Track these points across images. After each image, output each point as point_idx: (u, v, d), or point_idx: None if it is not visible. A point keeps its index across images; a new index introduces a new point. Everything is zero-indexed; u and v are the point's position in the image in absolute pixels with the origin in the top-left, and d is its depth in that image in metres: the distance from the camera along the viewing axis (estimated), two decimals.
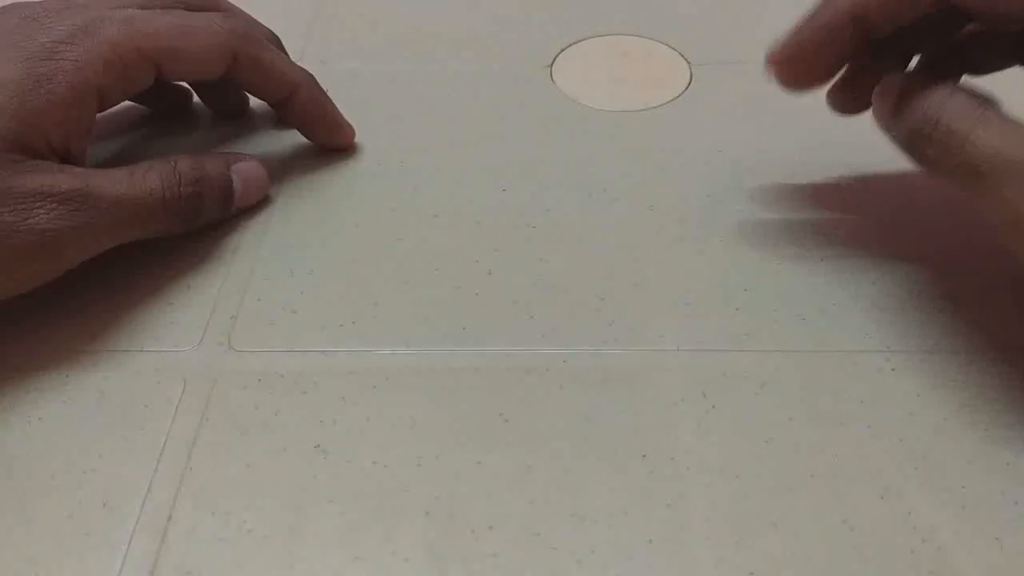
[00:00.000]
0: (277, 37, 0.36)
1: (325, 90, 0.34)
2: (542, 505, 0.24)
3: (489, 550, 0.23)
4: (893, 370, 0.27)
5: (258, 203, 0.33)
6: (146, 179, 0.29)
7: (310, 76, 0.34)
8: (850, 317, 0.29)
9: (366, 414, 0.26)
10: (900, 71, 0.30)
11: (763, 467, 0.25)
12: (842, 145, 0.33)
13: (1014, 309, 0.29)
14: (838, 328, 0.28)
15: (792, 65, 0.29)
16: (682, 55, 0.40)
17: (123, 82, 0.29)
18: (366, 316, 0.29)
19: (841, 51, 0.29)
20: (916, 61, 0.31)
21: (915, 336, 0.28)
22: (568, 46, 0.41)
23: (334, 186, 0.34)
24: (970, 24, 0.30)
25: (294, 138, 0.35)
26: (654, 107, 0.38)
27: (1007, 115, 0.25)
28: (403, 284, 0.30)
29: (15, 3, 0.29)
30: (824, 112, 0.32)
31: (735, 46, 0.40)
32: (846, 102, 0.31)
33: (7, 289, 0.27)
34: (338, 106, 0.35)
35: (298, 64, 0.35)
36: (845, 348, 0.28)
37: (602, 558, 0.23)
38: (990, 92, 0.26)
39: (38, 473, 0.25)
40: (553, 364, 0.28)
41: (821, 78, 0.30)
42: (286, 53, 0.36)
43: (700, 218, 0.32)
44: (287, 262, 0.31)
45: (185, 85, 0.37)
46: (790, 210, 0.33)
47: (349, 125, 0.35)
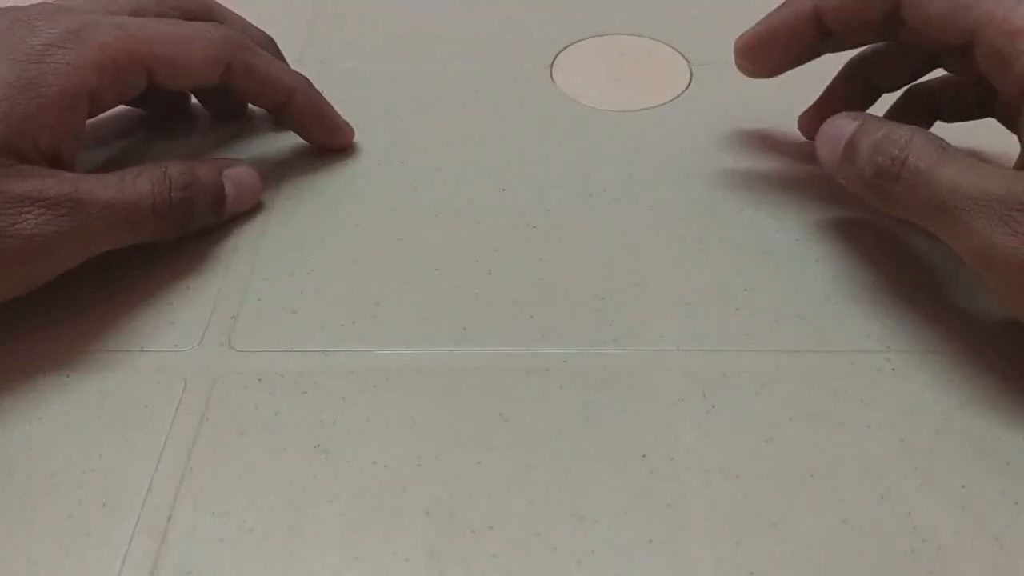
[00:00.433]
0: (273, 41, 0.36)
1: (322, 91, 0.34)
2: (542, 505, 0.24)
3: (489, 550, 0.23)
4: (893, 370, 0.27)
5: (256, 205, 0.33)
6: (136, 184, 0.28)
7: (305, 79, 0.34)
8: (850, 317, 0.29)
9: (366, 414, 0.26)
10: (867, 105, 0.33)
11: (763, 467, 0.25)
12: None
13: None
14: (838, 328, 0.28)
15: (755, 54, 0.31)
16: (682, 55, 0.41)
17: (115, 86, 0.29)
18: (366, 316, 0.29)
19: (801, 44, 0.31)
20: (892, 105, 0.33)
21: (915, 336, 0.28)
22: (568, 46, 0.41)
23: (334, 186, 0.34)
24: (937, 69, 0.32)
25: (293, 139, 0.35)
26: (654, 107, 0.38)
27: (965, 154, 0.26)
28: (403, 284, 0.30)
29: (6, 7, 0.29)
30: None
31: None
32: (815, 129, 0.31)
33: None
34: (338, 106, 0.35)
35: (296, 65, 0.35)
36: (845, 348, 0.28)
37: (602, 558, 0.23)
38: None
39: (38, 473, 0.25)
40: (553, 364, 0.28)
41: (782, 66, 0.32)
42: (283, 57, 0.36)
43: (700, 218, 0.32)
44: (287, 262, 0.31)
45: None
46: (789, 210, 0.33)
47: (348, 125, 0.35)
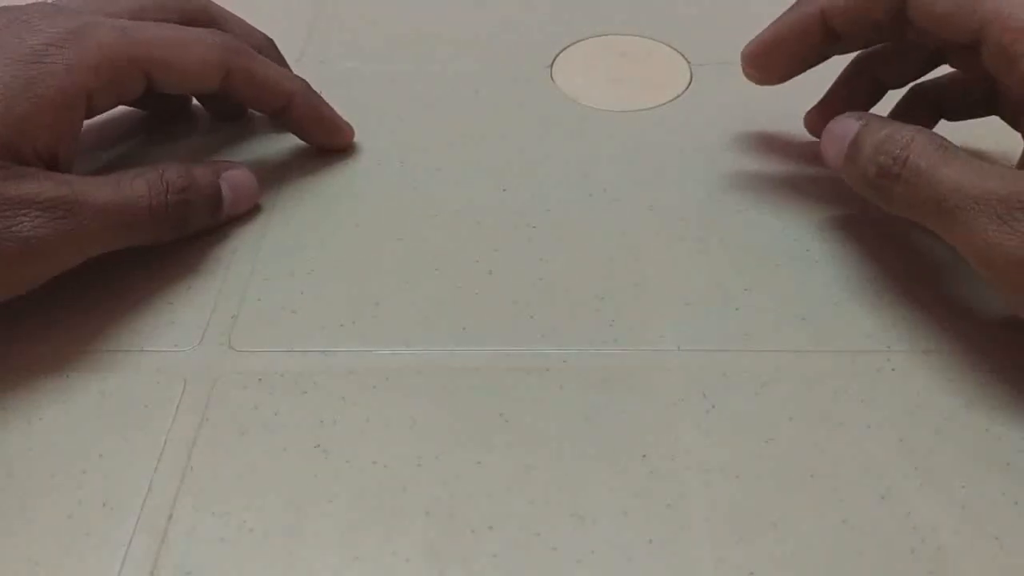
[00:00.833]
0: (273, 42, 0.36)
1: (322, 91, 0.34)
2: (542, 505, 0.24)
3: (489, 550, 0.23)
4: (893, 370, 0.27)
5: (255, 206, 0.33)
6: (133, 187, 0.28)
7: (304, 82, 0.34)
8: (850, 317, 0.29)
9: (366, 414, 0.26)
10: (873, 102, 0.32)
11: (763, 467, 0.25)
12: None
13: None
14: (838, 328, 0.28)
15: (763, 60, 0.31)
16: (682, 55, 0.41)
17: (112, 88, 0.29)
18: (366, 316, 0.29)
19: (808, 49, 0.30)
20: (897, 103, 0.33)
21: (915, 336, 0.28)
22: (568, 46, 0.41)
23: (334, 186, 0.34)
24: (943, 66, 0.31)
25: (293, 139, 0.35)
26: (654, 107, 0.38)
27: (966, 153, 0.26)
28: (403, 284, 0.30)
29: (4, 6, 0.29)
30: None
31: (735, 46, 0.40)
32: (821, 126, 0.31)
33: None
34: (338, 106, 0.35)
35: (296, 65, 0.35)
36: (845, 348, 0.28)
37: (602, 558, 0.23)
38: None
39: (38, 473, 0.25)
40: (553, 364, 0.28)
41: (790, 72, 0.31)
42: (283, 58, 0.36)
43: (700, 218, 0.32)
44: (287, 262, 0.31)
45: None
46: (790, 210, 0.33)
47: (347, 124, 0.35)
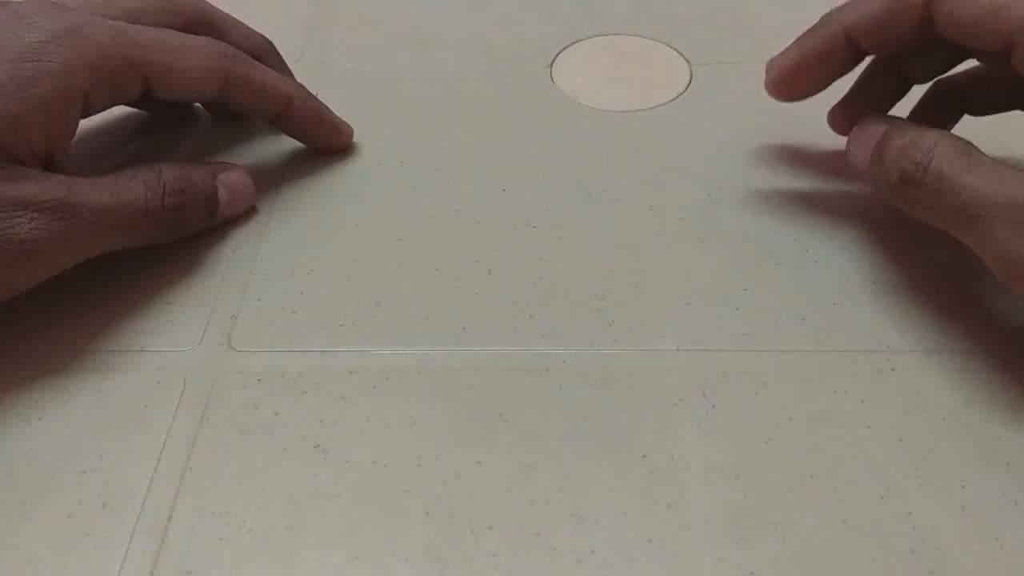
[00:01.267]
0: (272, 44, 0.35)
1: (322, 91, 0.34)
2: (542, 505, 0.24)
3: (489, 550, 0.23)
4: (893, 370, 0.27)
5: (256, 205, 0.33)
6: (130, 188, 0.28)
7: (301, 86, 0.34)
8: (850, 317, 0.29)
9: (366, 414, 0.26)
10: (895, 100, 0.32)
11: (763, 467, 0.25)
12: (842, 145, 0.33)
13: (1014, 309, 0.29)
14: (838, 328, 0.28)
15: (790, 85, 0.31)
16: (682, 55, 0.40)
17: (108, 89, 0.29)
18: (366, 316, 0.29)
19: (835, 68, 0.30)
20: (920, 99, 0.32)
21: (915, 336, 0.28)
22: (568, 46, 0.41)
23: (334, 186, 0.34)
24: (966, 60, 0.31)
25: (293, 140, 0.35)
26: (654, 107, 0.38)
27: (990, 158, 0.26)
28: (403, 284, 0.30)
29: (5, 1, 0.28)
30: (823, 114, 0.32)
31: (735, 46, 0.41)
32: (845, 124, 0.32)
33: None
34: (338, 106, 0.35)
35: (296, 65, 0.35)
36: (845, 348, 0.28)
37: (602, 558, 0.23)
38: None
39: (38, 473, 0.25)
40: (553, 364, 0.28)
41: (816, 91, 0.31)
42: (283, 60, 0.36)
43: (700, 218, 0.32)
44: (287, 262, 0.31)
45: None
46: (790, 210, 0.33)
47: (347, 125, 0.35)
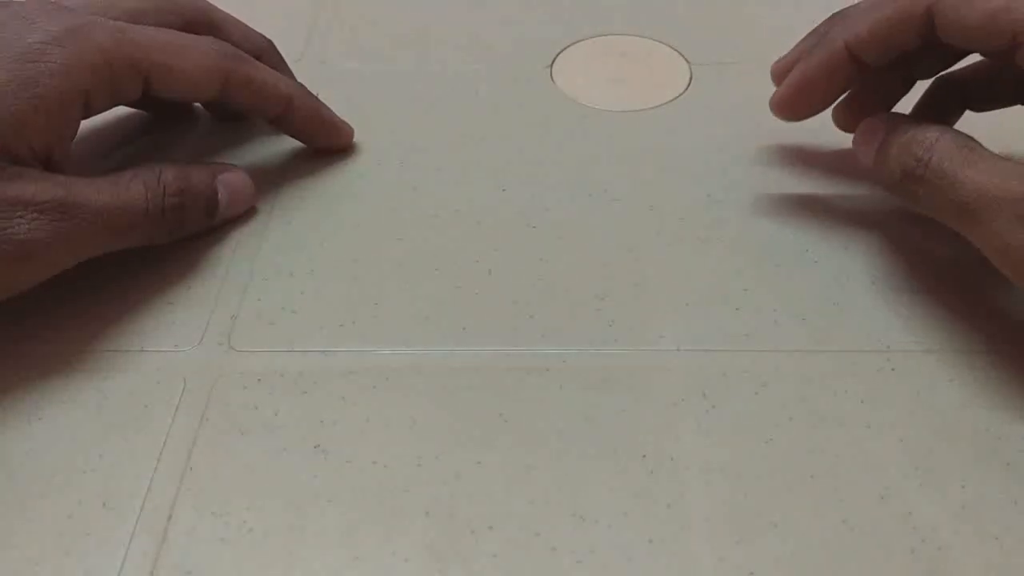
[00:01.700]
0: (273, 44, 0.35)
1: (322, 91, 0.34)
2: (542, 505, 0.24)
3: (489, 550, 0.23)
4: (893, 370, 0.27)
5: (256, 205, 0.33)
6: (130, 189, 0.28)
7: (301, 86, 0.34)
8: (850, 317, 0.29)
9: (366, 414, 0.26)
10: (899, 96, 0.32)
11: (763, 467, 0.25)
12: (842, 145, 0.33)
13: (1014, 308, 0.29)
14: (838, 328, 0.28)
15: (796, 105, 0.31)
16: (682, 55, 0.40)
17: (110, 90, 0.29)
18: (366, 316, 0.29)
19: (840, 84, 0.30)
20: (922, 96, 0.32)
21: (915, 336, 0.28)
22: (568, 46, 0.41)
23: (334, 186, 0.34)
24: (968, 55, 0.31)
25: (293, 140, 0.35)
26: (654, 107, 0.38)
27: (992, 153, 0.26)
28: (403, 284, 0.30)
29: (5, 1, 0.28)
30: (823, 113, 0.32)
31: (735, 46, 0.41)
32: (849, 121, 0.32)
33: None
34: (338, 106, 0.35)
35: (296, 65, 0.35)
36: (845, 348, 0.28)
37: (602, 558, 0.23)
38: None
39: (38, 473, 0.25)
40: (553, 364, 0.28)
41: (823, 108, 0.31)
42: (283, 60, 0.36)
43: (700, 218, 0.32)
44: (287, 262, 0.31)
45: None
46: (790, 210, 0.33)
47: (347, 125, 0.35)
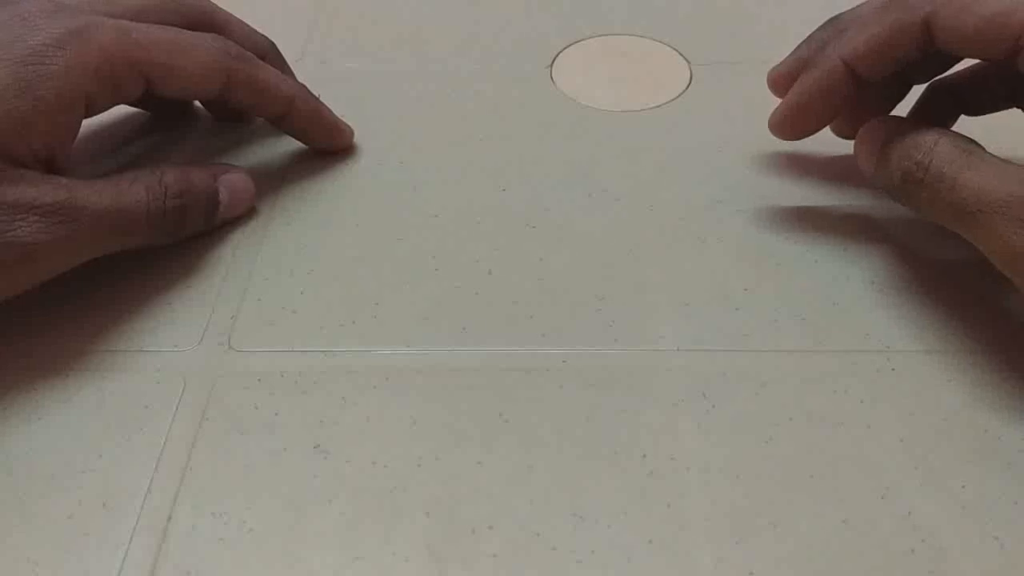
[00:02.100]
0: (274, 45, 0.35)
1: (322, 91, 0.34)
2: (542, 505, 0.24)
3: (489, 550, 0.23)
4: (893, 370, 0.27)
5: (257, 206, 0.33)
6: (131, 191, 0.28)
7: (303, 86, 0.34)
8: (850, 317, 0.29)
9: (366, 414, 0.26)
10: (896, 101, 0.32)
11: (763, 467, 0.25)
12: (842, 145, 0.33)
13: (1014, 309, 0.29)
14: (838, 328, 0.28)
15: (795, 124, 0.31)
16: (682, 55, 0.40)
17: (112, 90, 0.29)
18: (366, 316, 0.29)
19: (838, 102, 0.30)
20: (916, 101, 0.32)
21: (915, 336, 0.28)
22: (568, 46, 0.41)
23: (334, 186, 0.34)
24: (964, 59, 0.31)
25: (293, 140, 0.35)
26: (654, 107, 0.38)
27: (992, 155, 0.26)
28: (403, 284, 0.30)
29: (5, 0, 0.28)
30: None
31: (735, 46, 0.41)
32: (845, 127, 0.32)
33: None
34: (338, 106, 0.35)
35: (296, 65, 0.35)
36: (845, 348, 0.28)
37: (602, 558, 0.23)
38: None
39: (38, 473, 0.25)
40: (553, 364, 0.28)
41: (821, 126, 0.31)
42: (285, 60, 0.36)
43: (700, 218, 0.32)
44: (287, 262, 0.31)
45: None
46: (790, 210, 0.33)
47: (347, 126, 0.35)
